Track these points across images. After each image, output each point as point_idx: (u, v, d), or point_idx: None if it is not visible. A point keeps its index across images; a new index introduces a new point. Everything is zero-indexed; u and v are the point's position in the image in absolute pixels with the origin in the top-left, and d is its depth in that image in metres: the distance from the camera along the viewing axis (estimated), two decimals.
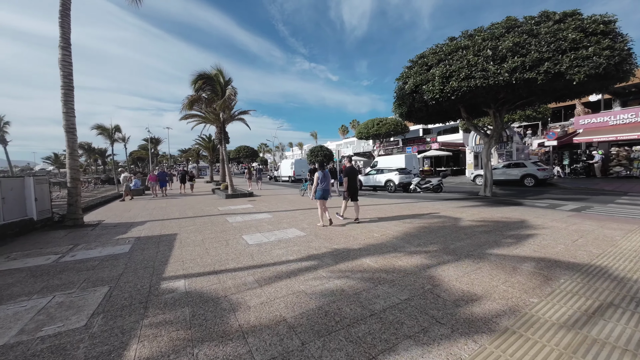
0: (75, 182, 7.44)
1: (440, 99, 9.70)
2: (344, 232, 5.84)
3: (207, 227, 6.73)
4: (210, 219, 7.93)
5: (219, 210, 9.55)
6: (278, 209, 9.44)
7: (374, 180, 16.58)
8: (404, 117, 12.47)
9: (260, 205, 10.33)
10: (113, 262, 4.37)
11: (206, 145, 29.32)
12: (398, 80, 12.11)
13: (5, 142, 24.70)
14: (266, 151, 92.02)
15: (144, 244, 5.40)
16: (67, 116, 7.25)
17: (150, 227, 7.05)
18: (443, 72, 9.43)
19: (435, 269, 3.68)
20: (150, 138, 57.12)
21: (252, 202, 11.36)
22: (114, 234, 6.33)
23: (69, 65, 7.23)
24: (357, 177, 7.31)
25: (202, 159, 45.42)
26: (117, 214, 9.27)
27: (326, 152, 39.46)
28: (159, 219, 8.23)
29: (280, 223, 6.98)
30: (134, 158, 65.41)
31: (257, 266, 3.97)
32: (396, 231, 5.80)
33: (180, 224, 7.33)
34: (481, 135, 12.08)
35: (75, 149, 7.43)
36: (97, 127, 28.98)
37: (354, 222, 6.82)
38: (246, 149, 54.22)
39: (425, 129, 33.66)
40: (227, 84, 14.75)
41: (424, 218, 7.12)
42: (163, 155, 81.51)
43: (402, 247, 4.71)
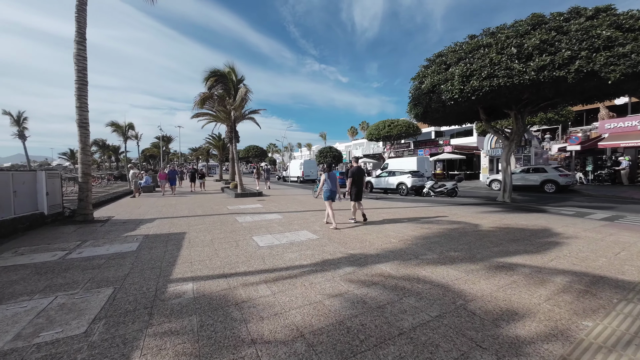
0: (87, 178, 7.39)
1: (460, 99, 9.28)
2: (359, 236, 5.53)
3: (216, 227, 6.54)
4: (220, 218, 7.75)
5: (229, 209, 9.38)
6: (288, 209, 9.20)
7: (385, 182, 16.18)
8: (419, 118, 12.07)
9: (270, 206, 10.12)
10: (120, 260, 4.19)
11: (216, 144, 29.47)
12: (414, 79, 11.73)
13: (24, 138, 25.44)
14: (275, 151, 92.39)
15: (152, 242, 5.23)
16: (81, 111, 7.20)
17: (159, 224, 6.91)
18: (463, 71, 9.02)
19: (464, 281, 3.34)
20: (162, 136, 58.10)
21: (261, 202, 11.17)
22: (122, 231, 6.21)
23: (84, 60, 7.19)
24: (363, 179, 7.24)
25: (212, 158, 45.83)
26: (127, 211, 9.22)
27: (335, 153, 39.19)
28: (168, 216, 8.11)
29: (291, 224, 6.73)
30: (146, 155, 66.68)
31: (268, 271, 3.72)
32: (414, 236, 5.45)
33: (189, 222, 7.17)
34: (501, 138, 11.55)
35: (87, 144, 7.38)
36: (111, 125, 29.54)
37: (363, 224, 6.69)
38: (255, 149, 54.45)
39: (437, 132, 32.98)
40: (240, 82, 14.67)
41: (442, 223, 6.73)
42: (174, 153, 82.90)
43: (423, 254, 4.37)
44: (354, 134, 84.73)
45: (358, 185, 6.86)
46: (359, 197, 6.88)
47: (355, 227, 6.42)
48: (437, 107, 10.33)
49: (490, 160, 22.04)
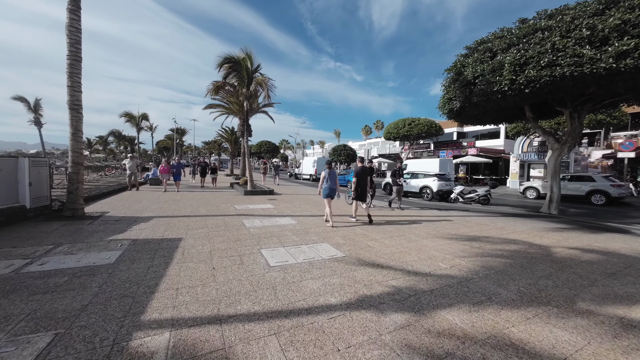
0: (78, 167, 6.50)
1: (509, 92, 7.86)
2: (395, 256, 4.33)
3: (219, 232, 5.49)
4: (225, 220, 6.71)
5: (236, 209, 8.35)
6: (302, 212, 8.08)
7: (407, 184, 14.81)
8: (453, 114, 10.64)
9: (282, 207, 9.03)
10: (86, 280, 3.17)
11: (228, 137, 28.75)
12: (449, 70, 10.33)
13: (40, 125, 25.52)
14: (287, 148, 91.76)
15: (137, 251, 4.21)
16: (72, 90, 6.30)
17: (155, 225, 5.93)
18: (516, 59, 7.59)
19: (591, 354, 2.10)
20: (176, 128, 58.38)
21: (272, 202, 10.11)
22: (110, 232, 5.25)
23: (77, 32, 6.27)
24: (367, 178, 7.24)
25: (223, 152, 45.43)
26: (125, 205, 8.34)
27: (350, 152, 37.89)
28: (167, 215, 7.15)
29: (308, 234, 5.59)
30: (160, 147, 67.41)
31: (282, 313, 2.59)
32: (469, 261, 4.20)
33: (189, 224, 6.16)
34: (550, 140, 9.99)
35: (79, 129, 6.48)
36: (125, 115, 29.37)
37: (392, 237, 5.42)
38: (267, 144, 53.80)
39: (460, 133, 31.06)
40: (255, 71, 13.60)
41: (495, 241, 5.43)
42: (188, 146, 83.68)
43: (495, 292, 3.13)
44: (368, 133, 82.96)
45: (362, 185, 6.86)
46: (362, 197, 6.90)
47: (386, 240, 5.22)
48: (478, 101, 8.91)
49: (521, 166, 20.20)
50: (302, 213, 7.93)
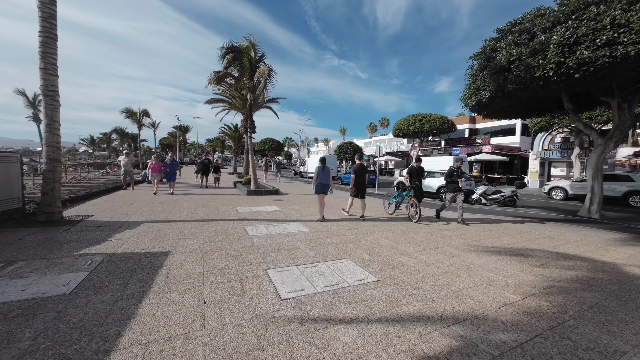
0: (54, 164, 5.57)
1: (554, 77, 6.76)
2: (443, 280, 3.32)
3: (216, 243, 4.52)
4: (224, 226, 5.75)
5: (238, 212, 7.39)
6: (313, 216, 7.09)
7: (423, 184, 13.74)
8: (480, 106, 9.54)
9: (290, 209, 8.05)
10: (20, 324, 2.22)
11: (232, 134, 27.84)
12: (476, 57, 9.22)
13: (39, 121, 24.82)
14: (291, 145, 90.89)
15: (109, 273, 3.26)
16: (46, 74, 5.36)
17: (142, 233, 4.99)
18: (564, 38, 6.48)
19: None
20: (179, 126, 57.70)
21: (278, 203, 9.13)
22: (85, 243, 4.32)
23: (51, 4, 5.32)
24: (366, 175, 7.36)
25: (226, 149, 44.62)
26: (114, 207, 7.43)
27: (356, 149, 36.79)
28: (159, 219, 6.22)
29: (324, 245, 4.61)
30: (164, 145, 66.92)
31: None
32: (542, 289, 3.17)
33: (182, 231, 5.21)
34: (592, 135, 8.85)
35: (55, 119, 5.55)
36: (125, 111, 28.56)
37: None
38: (271, 142, 52.90)
39: (472, 129, 29.74)
40: (259, 60, 12.59)
41: (553, 257, 4.38)
42: (192, 144, 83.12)
43: (612, 346, 2.11)
44: (373, 131, 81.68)
45: (360, 182, 6.96)
46: (361, 194, 7.00)
47: (421, 254, 4.20)
48: (513, 90, 7.79)
49: (541, 164, 18.96)
50: (313, 217, 6.93)
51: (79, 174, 19.14)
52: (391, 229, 6.05)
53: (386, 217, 7.44)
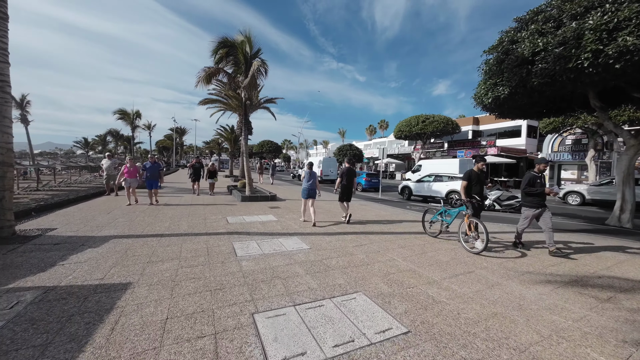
0: (3, 170, 4.64)
1: (589, 69, 5.92)
2: (496, 330, 2.42)
3: (193, 270, 3.60)
4: (209, 242, 4.82)
5: (228, 223, 6.47)
6: (314, 227, 6.19)
7: (429, 189, 12.87)
8: (497, 104, 8.69)
9: (287, 219, 7.13)
10: None
11: (227, 136, 26.96)
12: (491, 51, 8.42)
13: (27, 122, 23.89)
14: (290, 148, 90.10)
15: (32, 323, 2.33)
16: None
17: (104, 254, 4.06)
18: (602, 22, 5.64)
19: None
20: (175, 128, 56.83)
21: (274, 211, 8.22)
22: (25, 270, 3.38)
23: None
24: (354, 179, 7.22)
25: (223, 152, 43.71)
26: (86, 217, 6.48)
27: (356, 152, 36.00)
28: (133, 233, 5.29)
29: (329, 270, 3.69)
30: (160, 147, 65.86)
31: None
32: (636, 342, 2.27)
33: (155, 250, 4.28)
34: (624, 135, 8.02)
35: (6, 115, 4.62)
36: (118, 112, 27.70)
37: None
38: (269, 144, 52.05)
39: (475, 131, 28.99)
40: (255, 56, 11.72)
41: (615, 285, 3.50)
42: (189, 146, 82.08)
43: None
44: (372, 133, 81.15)
45: (347, 185, 6.93)
46: (346, 196, 6.99)
47: (453, 283, 3.29)
48: (539, 84, 6.95)
49: (551, 167, 18.16)
50: (314, 230, 6.02)
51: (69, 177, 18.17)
52: (406, 244, 5.14)
53: (400, 231, 6.53)
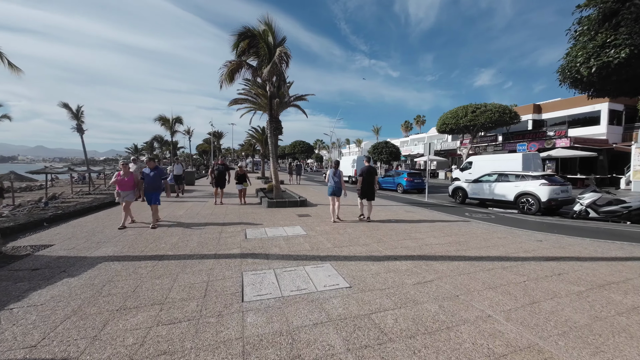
0: None
1: None
2: None
3: (170, 334, 2.33)
4: (212, 273, 3.59)
5: (245, 239, 5.26)
6: (353, 244, 4.70)
7: (490, 190, 10.51)
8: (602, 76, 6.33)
9: (318, 232, 5.73)
10: None
11: (259, 137, 26.54)
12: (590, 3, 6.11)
13: (82, 131, 26.04)
14: (322, 147, 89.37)
15: None
16: None
17: (74, 291, 3.04)
18: None
19: None
20: (213, 132, 59.35)
21: (303, 221, 6.89)
22: None
23: None
24: (375, 178, 7.05)
25: (256, 153, 44.15)
26: (93, 230, 5.78)
27: (392, 149, 33.55)
28: (131, 253, 4.31)
29: (387, 344, 2.17)
30: (200, 151, 69.51)
31: None
32: None
33: (139, 286, 3.16)
34: None
35: None
36: (159, 118, 28.97)
37: None
38: (301, 144, 51.59)
39: (536, 121, 24.73)
40: (279, 46, 10.58)
41: None
42: (227, 149, 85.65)
43: None
44: (407, 129, 76.85)
45: (368, 184, 6.86)
46: (367, 195, 6.90)
47: None
48: None
49: None
50: (355, 250, 4.52)
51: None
52: (496, 282, 3.39)
53: (475, 255, 4.74)
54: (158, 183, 6.29)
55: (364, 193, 6.90)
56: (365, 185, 6.85)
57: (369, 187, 6.88)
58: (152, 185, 6.18)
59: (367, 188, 6.87)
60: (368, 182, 6.87)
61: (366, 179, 6.85)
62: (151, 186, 6.17)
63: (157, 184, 6.26)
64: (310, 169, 60.88)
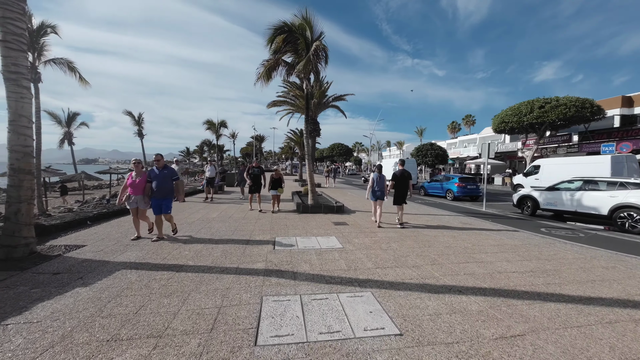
0: (20, 178, 3.94)
1: None
2: None
3: None
4: (227, 296, 3.00)
5: (272, 250, 4.66)
6: (400, 265, 3.77)
7: (573, 201, 8.48)
8: None
9: (356, 246, 4.88)
10: None
11: (297, 139, 26.52)
12: None
13: (142, 136, 29.00)
14: (361, 150, 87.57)
15: None
16: (5, 48, 3.76)
17: (75, 307, 2.70)
18: None
19: None
20: (255, 135, 62.06)
21: (339, 230, 6.10)
22: None
23: None
24: (408, 182, 6.86)
25: (295, 156, 44.67)
26: (129, 231, 5.73)
27: (438, 152, 30.97)
28: (150, 261, 3.99)
29: None
30: (243, 153, 73.27)
31: None
32: None
33: (143, 307, 2.70)
34: None
35: (23, 114, 3.92)
36: (206, 122, 30.86)
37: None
38: (340, 147, 50.92)
39: (626, 116, 20.28)
40: (316, 40, 10.01)
41: None
42: (268, 152, 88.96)
43: None
44: (454, 130, 71.16)
45: (401, 188, 6.74)
46: (400, 200, 6.73)
47: None
48: None
49: None
50: (403, 274, 3.59)
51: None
52: (632, 347, 2.19)
53: (578, 293, 3.47)
54: (169, 186, 5.06)
55: (398, 198, 6.71)
56: (399, 190, 6.69)
57: (403, 191, 6.71)
58: (162, 189, 4.95)
59: (401, 193, 6.69)
60: (402, 186, 6.72)
61: (400, 183, 6.70)
62: (161, 190, 4.94)
63: (168, 187, 5.03)
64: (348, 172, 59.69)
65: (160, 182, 4.98)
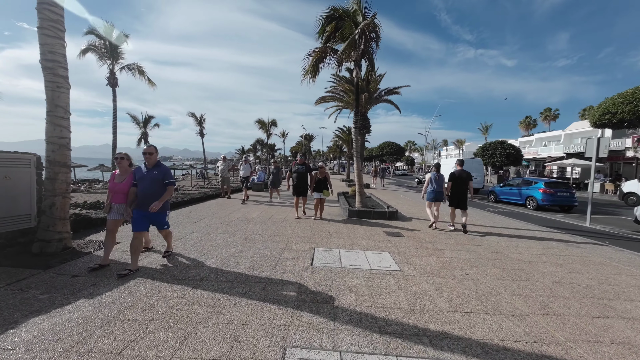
0: (56, 170, 3.82)
1: None
2: None
3: None
4: (241, 337, 2.18)
5: (310, 266, 3.77)
6: (489, 306, 2.48)
7: None
8: None
9: (419, 268, 3.68)
10: None
11: (345, 137, 25.52)
12: None
13: (203, 135, 31.52)
14: (413, 150, 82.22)
15: None
16: (43, 35, 3.63)
17: (66, 328, 2.19)
18: None
19: None
20: (304, 135, 62.95)
21: (393, 242, 4.92)
22: None
23: None
24: (467, 184, 6.25)
25: (343, 155, 43.70)
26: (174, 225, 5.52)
27: (509, 151, 26.62)
28: (172, 269, 3.48)
29: None
30: (293, 152, 75.23)
31: None
32: None
33: (141, 336, 2.04)
34: None
35: (59, 104, 3.78)
36: (258, 122, 32.01)
37: None
38: (390, 146, 48.21)
39: None
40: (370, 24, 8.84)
41: None
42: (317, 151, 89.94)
43: None
44: (528, 127, 61.32)
45: (459, 190, 6.24)
46: (458, 203, 6.23)
47: None
48: None
49: None
50: (499, 328, 2.32)
51: None
52: None
53: None
54: (158, 192, 3.42)
55: (456, 200, 6.25)
56: (456, 192, 6.25)
57: (462, 193, 6.24)
58: (147, 195, 3.35)
59: (460, 195, 6.24)
60: (461, 188, 6.25)
61: (458, 185, 6.23)
62: (146, 198, 3.34)
63: (156, 193, 3.41)
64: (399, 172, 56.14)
65: (147, 186, 3.38)
